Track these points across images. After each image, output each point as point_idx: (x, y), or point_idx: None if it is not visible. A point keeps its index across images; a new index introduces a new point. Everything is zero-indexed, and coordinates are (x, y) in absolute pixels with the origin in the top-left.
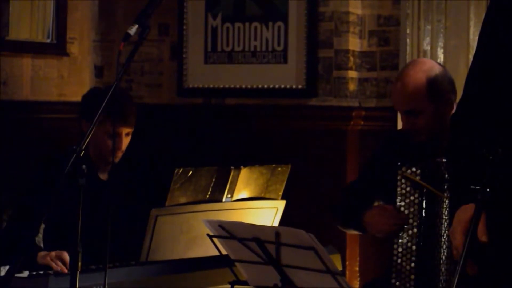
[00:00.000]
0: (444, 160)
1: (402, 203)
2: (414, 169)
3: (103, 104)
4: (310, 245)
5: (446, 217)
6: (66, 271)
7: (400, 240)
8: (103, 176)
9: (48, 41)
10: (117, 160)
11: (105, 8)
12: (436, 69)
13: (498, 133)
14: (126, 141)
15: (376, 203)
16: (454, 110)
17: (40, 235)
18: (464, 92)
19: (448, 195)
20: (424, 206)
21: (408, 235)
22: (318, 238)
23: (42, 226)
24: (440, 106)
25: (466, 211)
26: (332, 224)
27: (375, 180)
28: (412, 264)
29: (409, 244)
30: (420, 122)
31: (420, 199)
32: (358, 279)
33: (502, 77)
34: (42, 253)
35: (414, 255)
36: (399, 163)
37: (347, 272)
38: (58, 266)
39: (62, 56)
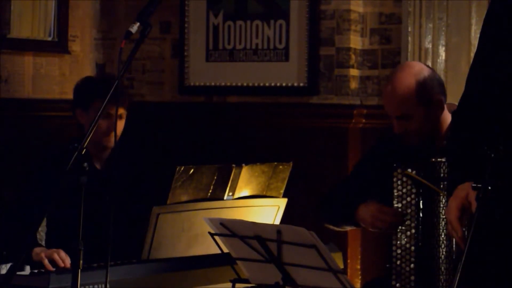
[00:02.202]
0: (439, 160)
1: (399, 205)
2: (409, 170)
3: (105, 103)
4: (311, 243)
5: (444, 217)
6: (62, 264)
7: (398, 242)
8: (98, 165)
9: (50, 39)
10: (110, 144)
11: (107, 6)
12: (425, 72)
13: (499, 131)
14: (119, 124)
15: None
16: (444, 111)
17: (42, 233)
18: (466, 90)
19: (446, 193)
20: (421, 206)
21: (406, 236)
22: (320, 236)
23: (43, 223)
24: (431, 109)
25: (462, 189)
26: (321, 222)
27: (367, 181)
28: (412, 265)
29: (407, 245)
30: (412, 126)
31: (417, 199)
32: (360, 277)
33: (503, 75)
34: (37, 249)
35: (413, 256)
36: (394, 165)
37: (348, 270)
38: (49, 265)
39: (64, 54)
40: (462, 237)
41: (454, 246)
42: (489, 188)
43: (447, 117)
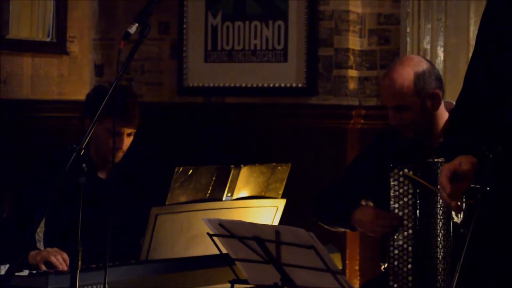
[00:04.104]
0: (436, 160)
1: (396, 205)
2: (406, 170)
3: (103, 102)
4: (310, 244)
5: (441, 217)
6: (60, 267)
7: (395, 242)
8: (102, 175)
9: (48, 39)
10: (117, 160)
11: (105, 6)
12: (424, 65)
13: (498, 131)
14: (127, 141)
15: (363, 203)
16: (441, 107)
17: (40, 234)
18: (464, 89)
19: None
20: (418, 207)
21: (403, 237)
22: (318, 237)
23: (41, 224)
24: (427, 102)
25: (460, 157)
26: (315, 220)
27: (363, 180)
28: (409, 266)
29: (405, 245)
30: (408, 118)
31: (414, 200)
32: (358, 278)
33: (501, 74)
34: (33, 253)
35: (411, 257)
36: (391, 165)
37: (347, 271)
38: (45, 268)
39: (62, 55)
40: (450, 194)
41: (451, 245)
42: (488, 189)
43: (443, 113)
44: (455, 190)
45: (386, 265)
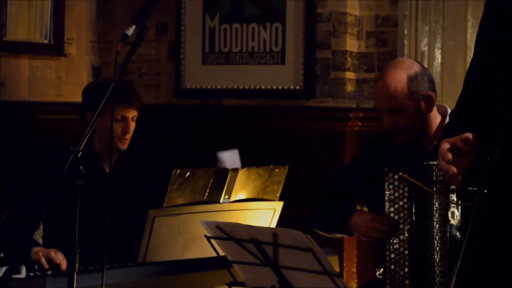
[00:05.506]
0: (431, 163)
1: (392, 209)
2: (401, 173)
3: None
4: (307, 246)
5: (437, 219)
6: (58, 261)
7: (391, 246)
8: (107, 168)
9: (46, 41)
10: (124, 147)
11: (103, 8)
12: (416, 67)
13: (496, 134)
14: (132, 125)
15: (358, 208)
16: (434, 110)
17: (38, 236)
18: (463, 92)
19: (440, 195)
20: (414, 210)
21: (399, 240)
22: (316, 239)
23: (40, 226)
24: (421, 104)
25: (459, 135)
26: (313, 229)
27: (358, 186)
28: (406, 269)
29: (401, 249)
30: (402, 120)
31: (409, 203)
32: (356, 280)
33: (500, 78)
34: (36, 249)
35: (407, 260)
36: (386, 168)
37: (344, 274)
38: (46, 263)
39: (60, 57)
40: (448, 160)
41: (448, 248)
42: (485, 191)
43: (436, 116)
44: (456, 163)
45: (381, 269)
